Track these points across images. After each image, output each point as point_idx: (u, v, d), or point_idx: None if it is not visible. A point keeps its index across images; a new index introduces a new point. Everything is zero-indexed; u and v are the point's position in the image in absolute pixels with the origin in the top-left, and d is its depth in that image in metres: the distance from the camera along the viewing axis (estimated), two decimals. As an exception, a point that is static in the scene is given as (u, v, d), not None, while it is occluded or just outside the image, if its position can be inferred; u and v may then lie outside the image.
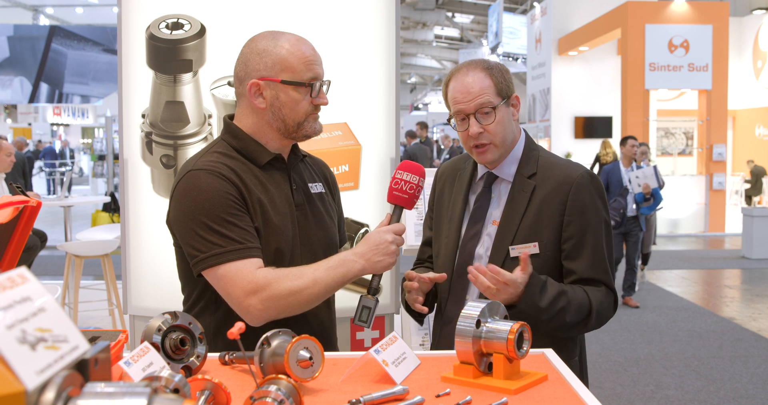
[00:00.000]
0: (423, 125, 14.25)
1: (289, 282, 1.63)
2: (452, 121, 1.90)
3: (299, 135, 1.78)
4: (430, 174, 2.18)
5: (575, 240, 1.83)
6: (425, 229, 2.13)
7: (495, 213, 1.90)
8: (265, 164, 1.77)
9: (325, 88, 1.79)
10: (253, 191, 1.71)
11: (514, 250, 1.83)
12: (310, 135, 1.79)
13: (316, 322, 1.83)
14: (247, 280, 1.62)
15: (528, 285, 1.72)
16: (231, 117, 1.84)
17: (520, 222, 1.84)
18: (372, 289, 1.71)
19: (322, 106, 1.79)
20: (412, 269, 2.09)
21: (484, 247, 1.89)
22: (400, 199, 1.73)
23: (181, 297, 1.86)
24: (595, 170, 13.42)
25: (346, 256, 1.69)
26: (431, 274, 1.87)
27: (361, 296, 1.71)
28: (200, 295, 1.78)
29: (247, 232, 1.66)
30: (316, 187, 1.89)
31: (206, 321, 1.73)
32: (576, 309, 1.78)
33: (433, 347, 2.01)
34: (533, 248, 1.82)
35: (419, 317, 1.98)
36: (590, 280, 1.84)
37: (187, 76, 2.66)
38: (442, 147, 15.51)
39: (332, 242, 1.90)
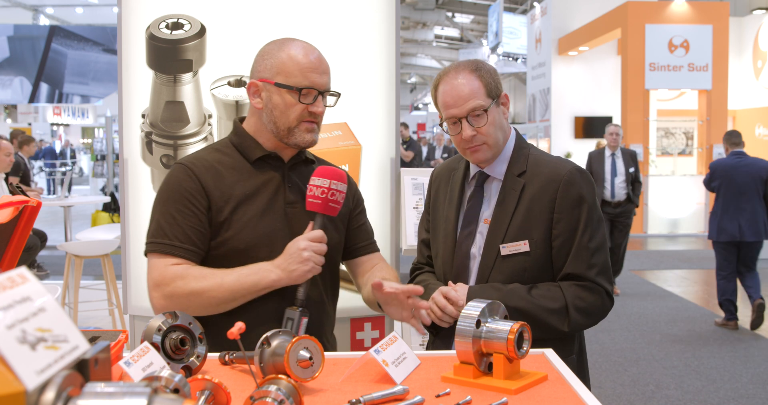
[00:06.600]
0: (405, 125, 13.93)
1: (193, 283, 1.67)
2: (444, 125, 1.90)
3: (290, 141, 1.79)
4: (426, 174, 2.18)
5: (564, 237, 1.82)
6: (421, 230, 2.13)
7: (486, 212, 1.91)
8: (258, 161, 1.81)
9: (332, 100, 1.82)
10: (228, 185, 1.76)
11: (505, 249, 1.83)
12: (300, 144, 1.79)
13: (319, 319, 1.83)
14: (157, 272, 1.70)
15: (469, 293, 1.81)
16: (242, 119, 1.91)
17: (510, 220, 1.84)
18: (297, 299, 1.70)
19: (322, 119, 1.80)
20: (416, 274, 2.09)
21: (477, 247, 1.90)
22: (314, 206, 1.72)
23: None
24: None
25: (264, 264, 1.71)
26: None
27: (286, 308, 1.71)
28: None
29: (182, 230, 1.71)
30: None
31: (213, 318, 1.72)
32: (542, 298, 1.79)
33: (430, 345, 2.01)
34: (524, 246, 1.82)
35: (437, 330, 1.94)
36: (573, 276, 1.82)
37: (187, 76, 2.66)
38: (435, 145, 15.38)
39: None
